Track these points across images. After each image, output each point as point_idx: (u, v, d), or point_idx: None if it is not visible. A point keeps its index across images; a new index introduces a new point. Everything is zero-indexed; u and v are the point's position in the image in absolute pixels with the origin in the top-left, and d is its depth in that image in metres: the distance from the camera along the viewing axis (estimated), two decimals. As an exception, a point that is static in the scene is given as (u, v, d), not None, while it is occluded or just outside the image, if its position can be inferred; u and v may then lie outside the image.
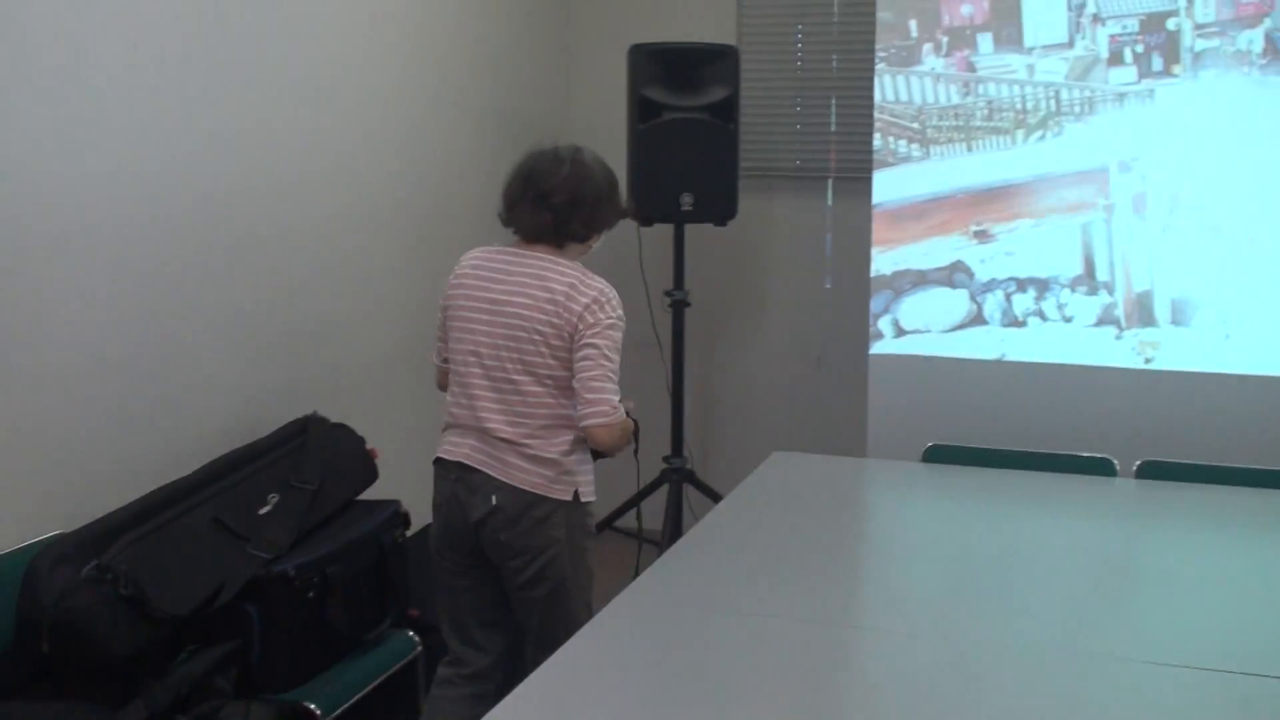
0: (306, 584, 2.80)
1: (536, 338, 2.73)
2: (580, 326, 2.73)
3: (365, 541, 3.04)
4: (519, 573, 2.78)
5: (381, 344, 3.92)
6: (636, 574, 2.69)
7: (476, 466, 2.76)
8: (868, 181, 4.22)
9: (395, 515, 3.20)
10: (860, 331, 4.37)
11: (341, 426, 3.32)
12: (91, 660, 2.46)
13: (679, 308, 4.68)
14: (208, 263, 3.12)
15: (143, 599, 2.50)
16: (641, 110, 4.41)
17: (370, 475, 3.29)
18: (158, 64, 2.93)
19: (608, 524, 4.83)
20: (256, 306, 3.32)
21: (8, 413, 2.54)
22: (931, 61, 4.08)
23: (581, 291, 2.77)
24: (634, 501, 4.78)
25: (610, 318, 2.78)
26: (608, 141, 4.89)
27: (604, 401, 2.72)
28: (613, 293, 2.84)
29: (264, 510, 2.92)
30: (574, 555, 2.84)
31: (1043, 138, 4.00)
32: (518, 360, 2.74)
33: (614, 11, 5.12)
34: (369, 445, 3.33)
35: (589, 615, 2.68)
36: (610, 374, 2.75)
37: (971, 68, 4.04)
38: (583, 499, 2.86)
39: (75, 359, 2.72)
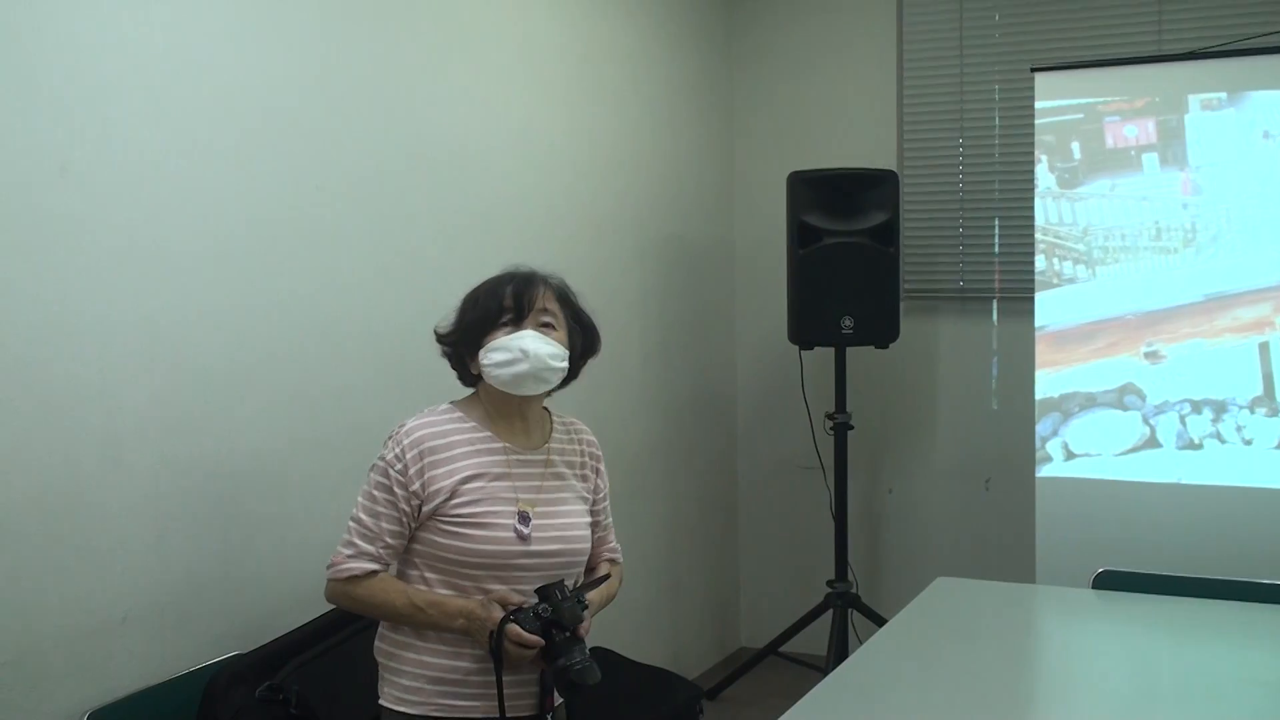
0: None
1: None
2: None
3: (528, 663, 3.07)
4: None
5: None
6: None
7: None
8: (1032, 302, 4.18)
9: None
10: (1027, 454, 4.29)
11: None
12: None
13: (841, 430, 4.67)
14: (379, 399, 3.24)
15: (312, 719, 2.57)
16: (801, 235, 4.47)
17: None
18: (331, 200, 3.11)
19: (771, 649, 4.79)
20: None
21: (206, 542, 2.69)
22: (1097, 183, 4.05)
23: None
24: (798, 626, 4.73)
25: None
26: (768, 266, 4.98)
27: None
28: (404, 425, 2.37)
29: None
30: None
31: (1214, 255, 3.92)
32: None
33: (774, 139, 5.22)
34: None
35: None
36: (350, 521, 2.36)
37: (1137, 189, 4.00)
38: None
39: (259, 494, 2.86)
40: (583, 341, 2.50)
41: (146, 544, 2.57)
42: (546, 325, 2.39)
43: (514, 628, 2.21)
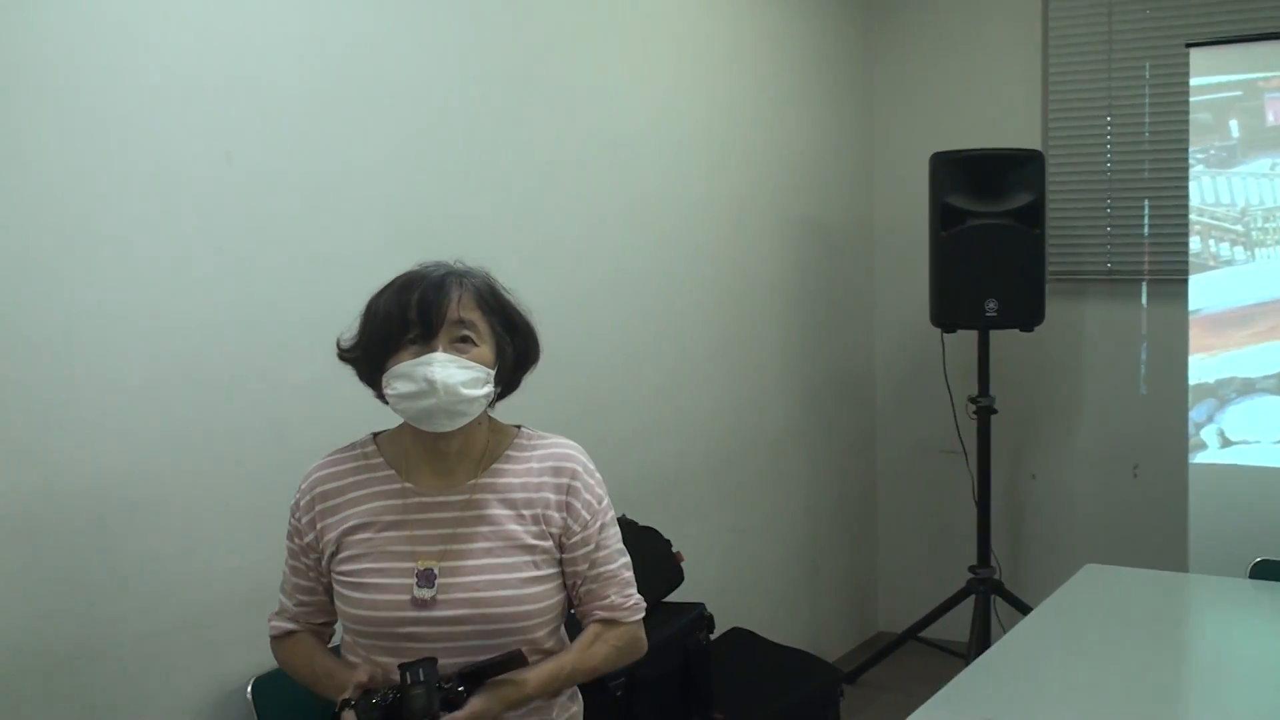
0: (615, 682, 2.89)
1: None
2: None
3: (671, 643, 3.11)
4: None
5: (685, 448, 4.02)
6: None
7: None
8: (1183, 284, 4.07)
9: (700, 618, 3.26)
10: (1179, 439, 4.18)
11: (649, 530, 3.42)
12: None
13: (984, 414, 4.61)
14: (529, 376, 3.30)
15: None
16: (944, 217, 4.41)
17: (676, 578, 3.38)
18: (486, 198, 3.17)
19: (911, 634, 4.76)
20: (569, 414, 3.48)
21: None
22: (1256, 162, 3.92)
23: None
24: (939, 612, 4.69)
25: None
26: (910, 248, 4.93)
27: None
28: (315, 464, 2.13)
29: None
30: None
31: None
32: None
33: (916, 120, 5.16)
34: (674, 549, 3.41)
35: None
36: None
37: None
38: None
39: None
40: (515, 350, 2.07)
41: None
42: (463, 341, 1.97)
43: (348, 716, 1.88)
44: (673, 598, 3.34)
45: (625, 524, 3.35)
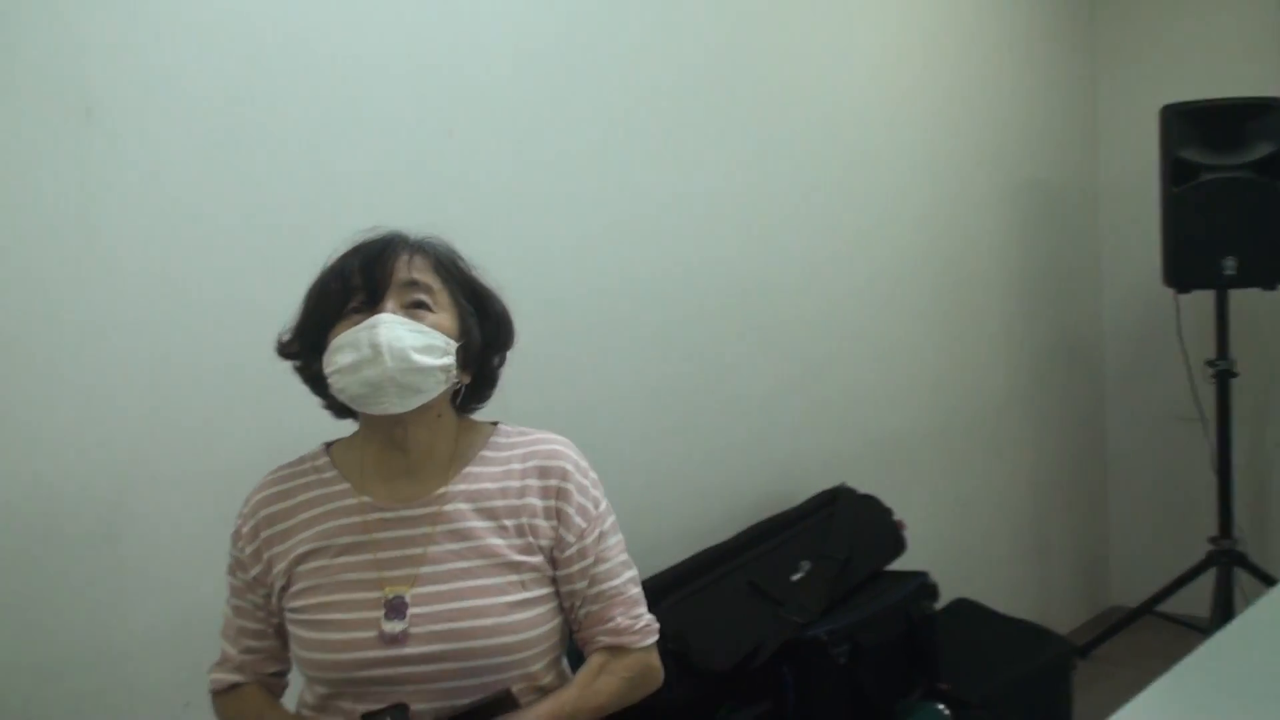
0: (839, 649, 2.88)
1: None
2: None
3: (894, 611, 3.08)
4: None
5: (907, 417, 3.97)
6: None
7: None
8: None
9: (924, 587, 3.21)
10: None
11: (869, 498, 3.39)
12: (640, 707, 2.65)
13: (1223, 379, 4.38)
14: (749, 344, 3.32)
15: (686, 654, 2.67)
16: (1176, 172, 4.22)
17: (898, 546, 3.33)
18: (704, 172, 3.18)
19: (1147, 608, 4.58)
20: (789, 383, 3.48)
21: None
22: None
23: None
24: (1176, 585, 4.50)
25: None
26: (1138, 206, 4.73)
27: None
28: (260, 483, 1.82)
29: (796, 577, 3.03)
30: None
31: None
32: None
33: (1143, 71, 4.94)
34: (896, 517, 3.37)
35: None
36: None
37: None
38: None
39: (636, 438, 2.98)
40: (483, 327, 1.74)
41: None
42: (417, 306, 1.66)
43: None
44: (894, 566, 3.30)
45: (844, 492, 3.34)
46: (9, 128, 1.91)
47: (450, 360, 1.64)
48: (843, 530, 3.20)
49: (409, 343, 1.59)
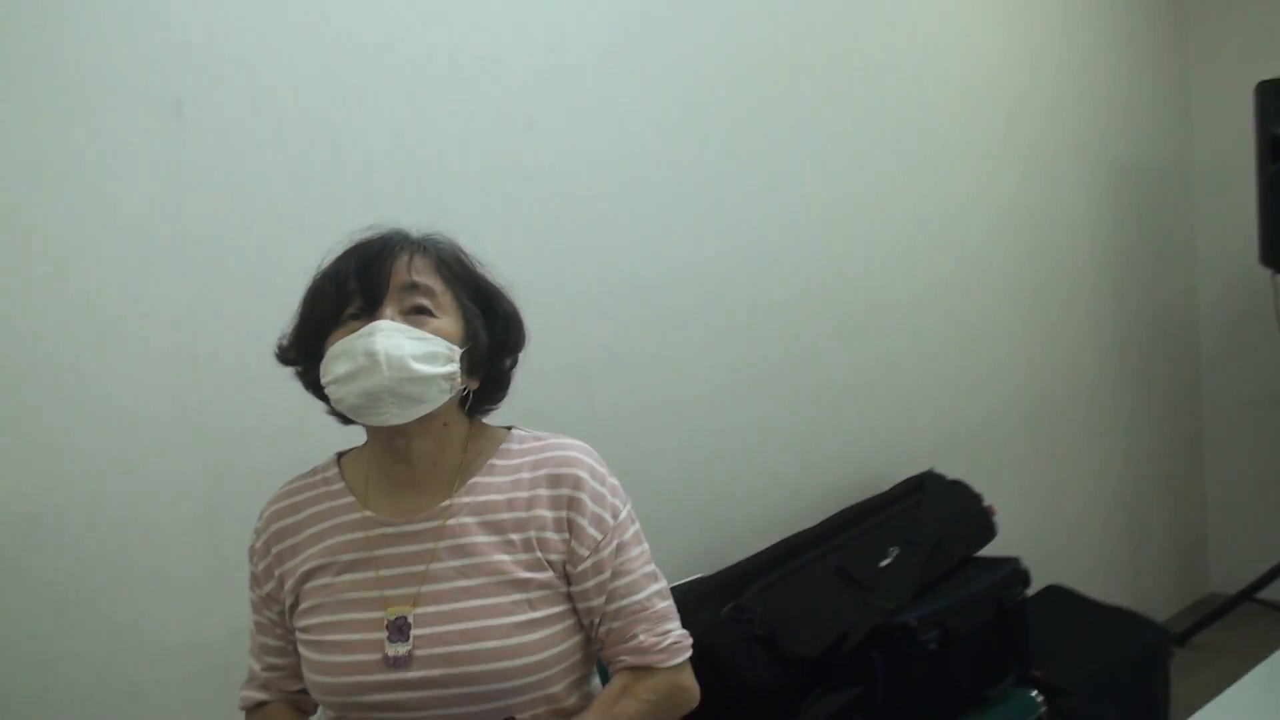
0: (928, 635, 2.86)
1: None
2: None
3: (985, 597, 3.04)
4: None
5: (995, 402, 3.92)
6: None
7: None
8: None
9: (1015, 573, 3.17)
10: None
11: (958, 483, 3.35)
12: (730, 693, 2.64)
13: (1323, 359, 4.29)
14: (835, 330, 3.31)
15: (775, 640, 2.66)
16: (1274, 149, 4.13)
17: (988, 532, 3.30)
18: (790, 159, 3.17)
19: (1246, 595, 4.49)
20: (876, 369, 3.46)
21: (673, 470, 2.85)
22: None
23: None
24: (1276, 571, 4.41)
25: None
26: (1234, 185, 4.62)
27: None
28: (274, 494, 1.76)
29: (884, 563, 3.01)
30: None
31: None
32: None
33: (1237, 47, 4.83)
34: (986, 503, 3.34)
35: None
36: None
37: None
38: None
39: (724, 427, 2.99)
40: (491, 328, 1.64)
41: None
42: (419, 312, 1.57)
43: None
44: (985, 552, 3.27)
45: (932, 477, 3.32)
46: (103, 125, 1.96)
47: (454, 368, 1.55)
48: (931, 516, 3.17)
49: (408, 351, 1.51)
